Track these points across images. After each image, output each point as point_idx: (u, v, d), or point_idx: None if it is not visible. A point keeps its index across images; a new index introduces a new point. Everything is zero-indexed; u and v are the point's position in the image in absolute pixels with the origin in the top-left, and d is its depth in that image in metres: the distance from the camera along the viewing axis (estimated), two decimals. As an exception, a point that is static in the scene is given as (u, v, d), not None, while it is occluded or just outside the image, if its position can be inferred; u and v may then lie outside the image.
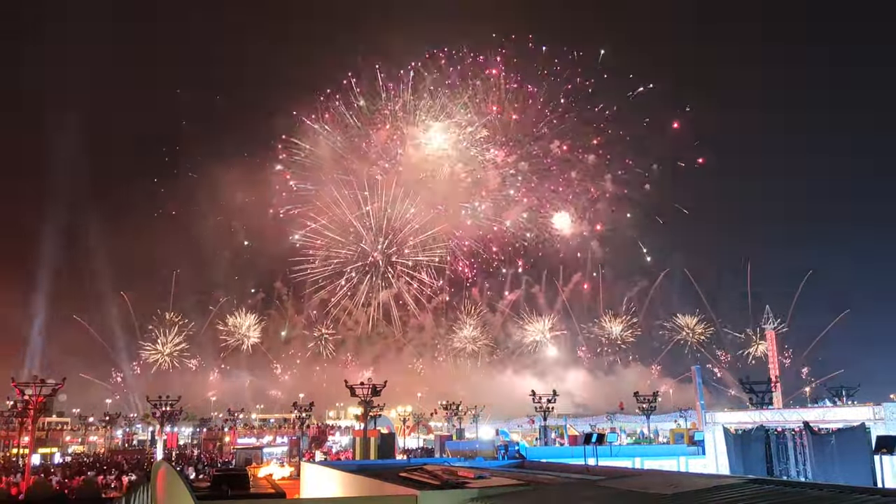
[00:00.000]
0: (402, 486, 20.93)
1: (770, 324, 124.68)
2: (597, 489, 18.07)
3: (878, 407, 35.33)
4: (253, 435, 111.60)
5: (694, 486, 15.96)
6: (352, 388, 64.17)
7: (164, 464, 15.57)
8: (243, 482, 30.86)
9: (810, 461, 36.77)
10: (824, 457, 36.05)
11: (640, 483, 18.28)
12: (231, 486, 29.02)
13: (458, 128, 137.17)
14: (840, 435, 35.78)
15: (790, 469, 37.92)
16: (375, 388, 63.91)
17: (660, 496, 15.19)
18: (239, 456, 73.19)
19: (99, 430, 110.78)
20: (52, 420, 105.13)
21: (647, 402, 71.43)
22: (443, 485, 20.67)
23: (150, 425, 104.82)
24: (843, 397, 78.04)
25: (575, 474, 24.35)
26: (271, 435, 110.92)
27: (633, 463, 44.01)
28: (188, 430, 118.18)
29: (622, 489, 17.08)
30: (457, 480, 21.21)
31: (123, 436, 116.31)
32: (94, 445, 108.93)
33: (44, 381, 54.79)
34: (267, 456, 77.07)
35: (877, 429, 33.52)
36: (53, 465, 73.47)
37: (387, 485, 21.91)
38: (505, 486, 19.16)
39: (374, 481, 23.40)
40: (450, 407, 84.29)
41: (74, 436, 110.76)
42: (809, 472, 36.44)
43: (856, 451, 34.19)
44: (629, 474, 22.46)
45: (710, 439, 45.30)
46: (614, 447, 47.01)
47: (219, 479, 31.26)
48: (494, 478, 21.56)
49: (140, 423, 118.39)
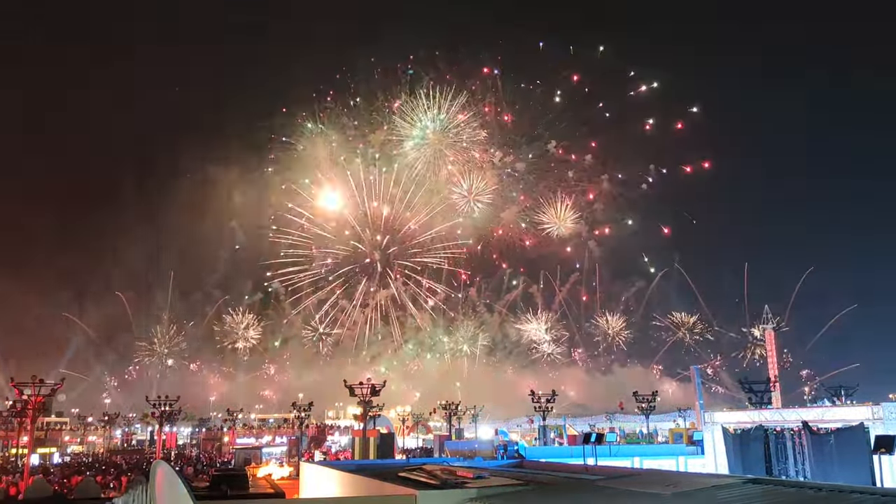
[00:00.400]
0: (401, 485, 20.91)
1: (769, 323, 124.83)
2: (596, 489, 18.07)
3: (877, 407, 35.29)
4: (252, 435, 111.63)
5: (693, 486, 15.96)
6: (351, 387, 64.20)
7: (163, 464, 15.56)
8: (242, 482, 30.81)
9: (809, 461, 36.74)
10: (823, 456, 36.03)
11: (639, 483, 18.29)
12: (230, 486, 28.97)
13: (456, 127, 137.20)
14: (839, 435, 35.76)
15: (789, 469, 37.90)
16: (375, 387, 63.95)
17: (659, 496, 15.20)
18: (238, 456, 73.18)
19: (98, 430, 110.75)
20: (50, 420, 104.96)
21: (647, 402, 71.49)
22: (442, 484, 20.64)
23: (149, 425, 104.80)
24: (842, 397, 78.09)
25: (574, 474, 24.34)
26: (270, 435, 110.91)
27: (632, 463, 44.01)
28: (187, 430, 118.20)
29: (621, 489, 17.08)
30: (456, 480, 21.18)
31: (122, 436, 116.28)
32: (93, 445, 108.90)
33: (42, 380, 54.71)
34: (266, 456, 77.06)
35: (875, 428, 33.49)
36: (52, 465, 73.42)
37: (386, 484, 21.90)
38: (504, 486, 19.15)
39: (374, 481, 23.38)
40: (448, 407, 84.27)
41: (73, 436, 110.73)
42: (808, 472, 36.41)
43: (855, 451, 34.16)
44: (628, 474, 22.44)
45: (709, 439, 45.28)
46: (613, 447, 47.01)
47: (218, 479, 31.21)
48: (493, 478, 21.54)
49: (139, 424, 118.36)
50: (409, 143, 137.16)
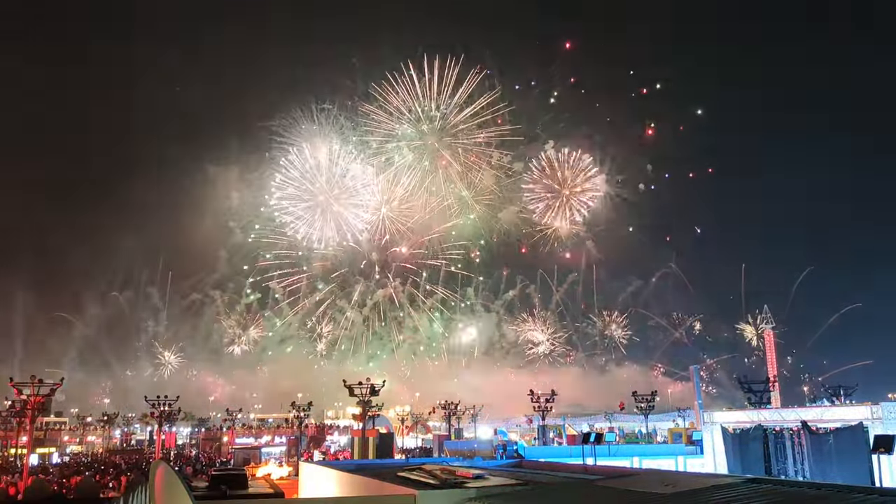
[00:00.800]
0: (400, 485, 20.91)
1: (769, 323, 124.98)
2: (595, 489, 18.08)
3: (876, 406, 35.29)
4: (251, 435, 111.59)
5: (692, 486, 15.97)
6: (350, 387, 64.10)
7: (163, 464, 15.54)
8: (242, 482, 30.80)
9: (808, 460, 36.75)
10: (822, 456, 36.03)
11: (639, 483, 18.30)
12: (229, 486, 28.95)
13: (454, 128, 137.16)
14: (838, 434, 35.76)
15: (788, 468, 37.91)
16: (374, 387, 63.84)
17: (658, 496, 15.20)
18: (237, 456, 73.15)
19: (97, 429, 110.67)
20: (50, 420, 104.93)
21: (646, 402, 71.46)
22: (441, 484, 20.64)
23: (149, 425, 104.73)
24: (841, 396, 78.03)
25: (573, 474, 24.36)
26: (269, 435, 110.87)
27: (631, 463, 44.02)
28: (186, 430, 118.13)
29: (620, 489, 17.09)
30: (455, 480, 21.18)
31: (122, 436, 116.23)
32: (93, 445, 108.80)
33: (41, 380, 54.62)
34: (265, 456, 77.01)
35: (874, 428, 33.50)
36: (51, 465, 73.37)
37: (385, 484, 21.89)
38: (503, 486, 19.17)
39: (373, 481, 23.37)
40: (448, 406, 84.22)
41: (72, 436, 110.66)
42: (807, 472, 36.41)
43: (854, 451, 34.16)
44: (627, 474, 22.45)
45: (709, 439, 45.28)
46: (612, 447, 47.03)
47: (217, 478, 31.18)
48: (493, 477, 21.55)
49: (138, 423, 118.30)
50: (403, 142, 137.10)
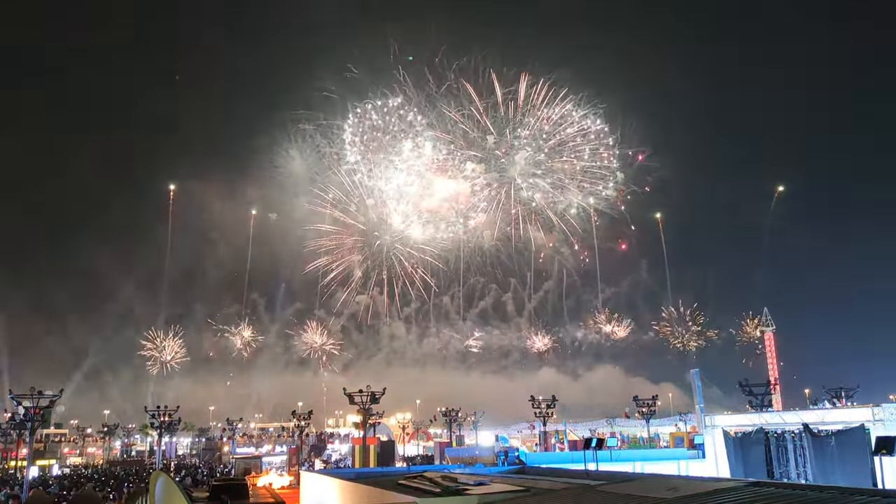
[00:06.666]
0: (401, 493, 20.88)
1: (769, 325, 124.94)
2: (597, 494, 18.04)
3: (878, 408, 35.34)
4: (252, 444, 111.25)
5: (694, 490, 15.94)
6: (350, 395, 63.95)
7: (163, 474, 15.51)
8: (242, 492, 30.64)
9: (810, 463, 36.72)
10: (824, 459, 36.01)
11: (640, 487, 18.26)
12: (230, 496, 28.80)
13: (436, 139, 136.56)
14: (840, 436, 35.76)
15: (790, 471, 37.86)
16: (374, 395, 63.68)
17: (661, 500, 15.17)
18: (238, 465, 72.88)
19: (97, 441, 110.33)
20: (50, 432, 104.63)
21: (647, 406, 71.41)
22: (442, 492, 20.60)
23: (149, 436, 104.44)
24: (842, 398, 77.98)
25: (575, 479, 24.30)
26: (270, 444, 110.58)
27: (633, 467, 43.96)
28: (187, 440, 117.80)
29: (622, 494, 17.06)
30: (456, 487, 21.13)
31: (122, 447, 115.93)
32: (93, 457, 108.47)
33: (41, 392, 54.50)
34: (266, 465, 76.74)
35: (876, 430, 33.50)
36: (52, 477, 73.11)
37: (386, 493, 21.87)
38: (505, 493, 19.14)
39: (374, 489, 23.34)
40: (449, 413, 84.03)
41: (73, 447, 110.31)
42: (810, 474, 36.39)
43: (855, 453, 34.15)
44: (629, 479, 22.41)
45: (710, 442, 45.27)
46: (614, 452, 47.01)
47: (218, 488, 31.02)
48: (494, 484, 21.51)
49: (139, 434, 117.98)
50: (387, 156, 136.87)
